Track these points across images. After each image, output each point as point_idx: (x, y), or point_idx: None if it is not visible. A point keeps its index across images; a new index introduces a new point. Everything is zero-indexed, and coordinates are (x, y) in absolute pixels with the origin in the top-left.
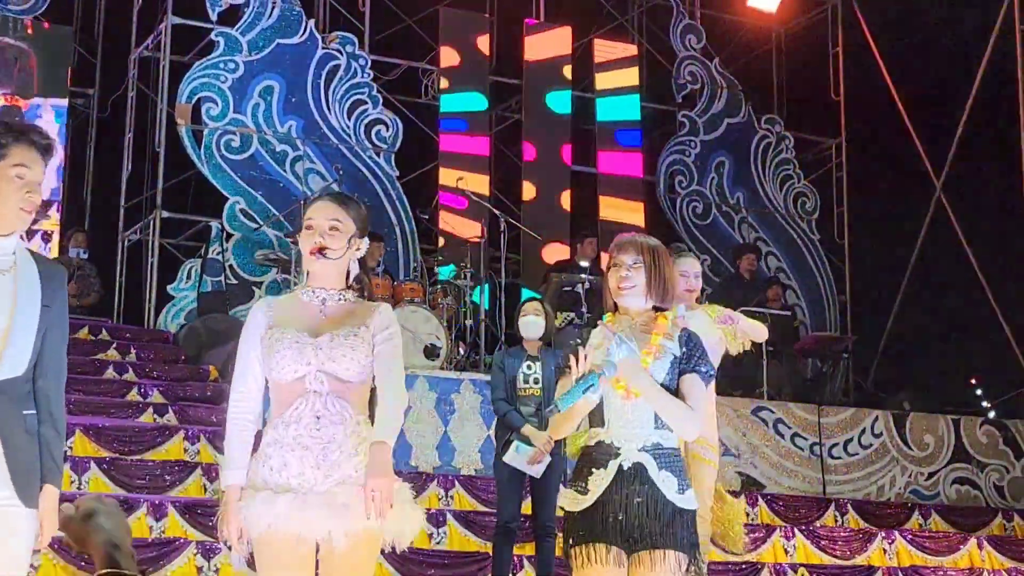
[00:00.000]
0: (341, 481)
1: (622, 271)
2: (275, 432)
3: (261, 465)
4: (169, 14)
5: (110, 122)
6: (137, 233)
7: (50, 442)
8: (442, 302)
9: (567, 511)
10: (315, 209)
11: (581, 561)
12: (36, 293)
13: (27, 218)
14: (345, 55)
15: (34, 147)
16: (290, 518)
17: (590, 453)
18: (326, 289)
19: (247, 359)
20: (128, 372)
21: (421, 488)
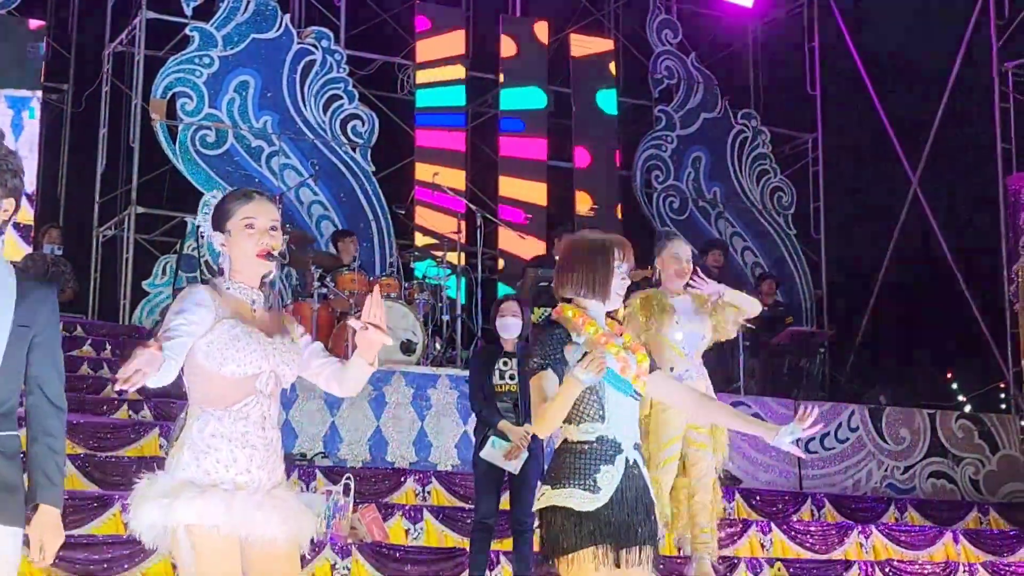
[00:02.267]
0: (278, 483)
1: (624, 277)
2: (220, 424)
3: (203, 456)
4: (144, 9)
5: (84, 117)
6: (112, 229)
7: (41, 460)
8: (418, 297)
9: (574, 511)
10: (255, 208)
11: (595, 564)
12: (8, 312)
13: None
14: (321, 50)
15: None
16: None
17: (591, 449)
18: (253, 288)
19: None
20: (103, 368)
21: (398, 484)
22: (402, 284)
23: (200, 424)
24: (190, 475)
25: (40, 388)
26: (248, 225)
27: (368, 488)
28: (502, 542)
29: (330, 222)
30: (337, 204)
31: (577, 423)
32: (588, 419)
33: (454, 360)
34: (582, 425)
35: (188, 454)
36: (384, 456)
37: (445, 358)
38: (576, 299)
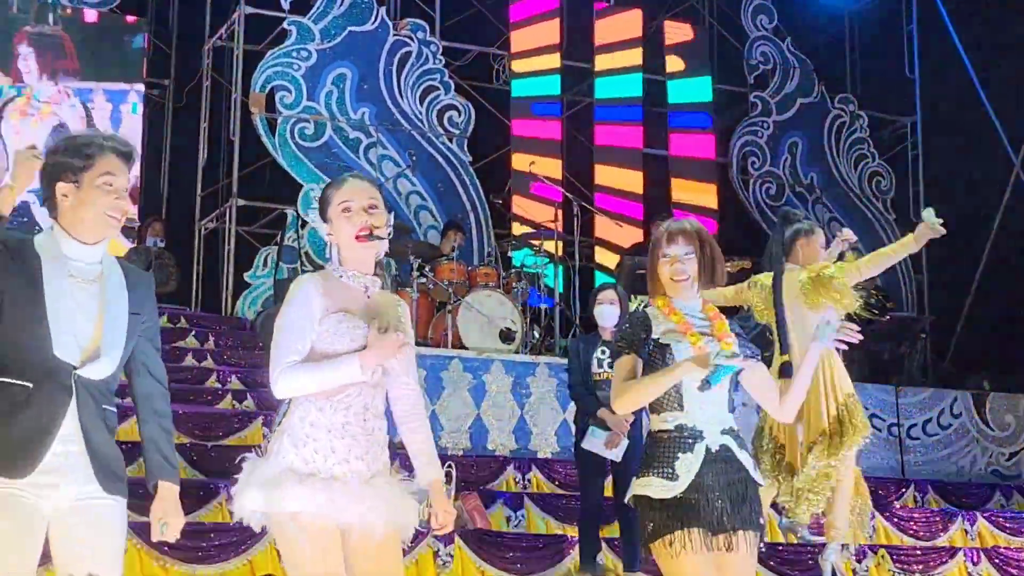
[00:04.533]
0: (379, 473)
1: (676, 264)
2: (321, 415)
3: (302, 445)
4: (242, 4)
5: (185, 112)
6: (213, 221)
7: (157, 440)
8: (516, 286)
9: (653, 499)
10: (349, 191)
11: (677, 550)
12: (124, 301)
13: (116, 224)
14: (416, 41)
15: (118, 155)
16: (338, 507)
17: (668, 437)
18: (368, 275)
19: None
20: (207, 359)
21: (498, 471)
22: (500, 273)
23: (301, 413)
24: (290, 462)
25: (149, 371)
26: (345, 209)
27: (469, 476)
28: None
29: (428, 212)
30: (435, 194)
31: (658, 412)
32: (667, 408)
33: (552, 348)
34: (662, 414)
35: (287, 442)
36: (484, 444)
37: (543, 346)
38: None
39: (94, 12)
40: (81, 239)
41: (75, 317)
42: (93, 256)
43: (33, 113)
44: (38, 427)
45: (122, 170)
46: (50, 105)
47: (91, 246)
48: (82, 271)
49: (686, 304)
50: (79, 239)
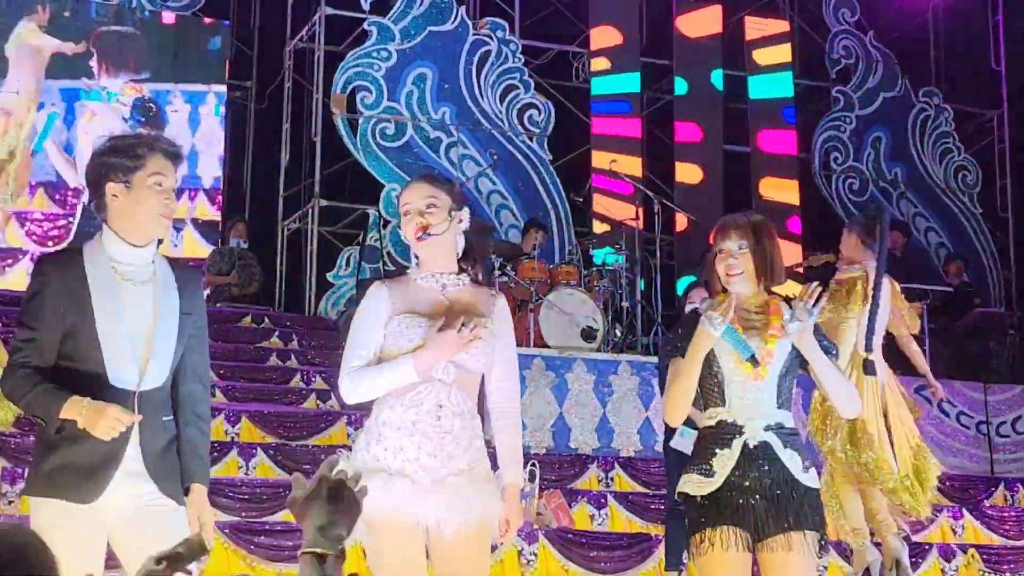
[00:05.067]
0: (456, 472)
1: (728, 259)
2: (392, 412)
3: (375, 443)
4: (323, 5)
5: (267, 113)
6: (296, 222)
7: (196, 443)
8: (598, 284)
9: (691, 495)
10: (408, 194)
11: (707, 547)
12: (175, 301)
13: (166, 225)
14: (496, 40)
15: (166, 156)
16: (406, 504)
17: (710, 432)
18: (443, 273)
19: (365, 339)
20: (291, 359)
21: (581, 470)
22: (581, 271)
23: (377, 411)
24: (362, 460)
25: (196, 373)
26: (405, 212)
27: (552, 474)
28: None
29: (509, 211)
30: (515, 193)
31: (703, 408)
32: (711, 404)
33: (634, 346)
34: (707, 411)
35: (363, 440)
36: (567, 443)
37: (625, 344)
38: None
39: (172, 14)
40: (131, 241)
41: (128, 327)
42: (144, 258)
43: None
44: (104, 455)
45: (171, 170)
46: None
47: (141, 248)
48: (134, 274)
49: (744, 301)
50: (129, 241)
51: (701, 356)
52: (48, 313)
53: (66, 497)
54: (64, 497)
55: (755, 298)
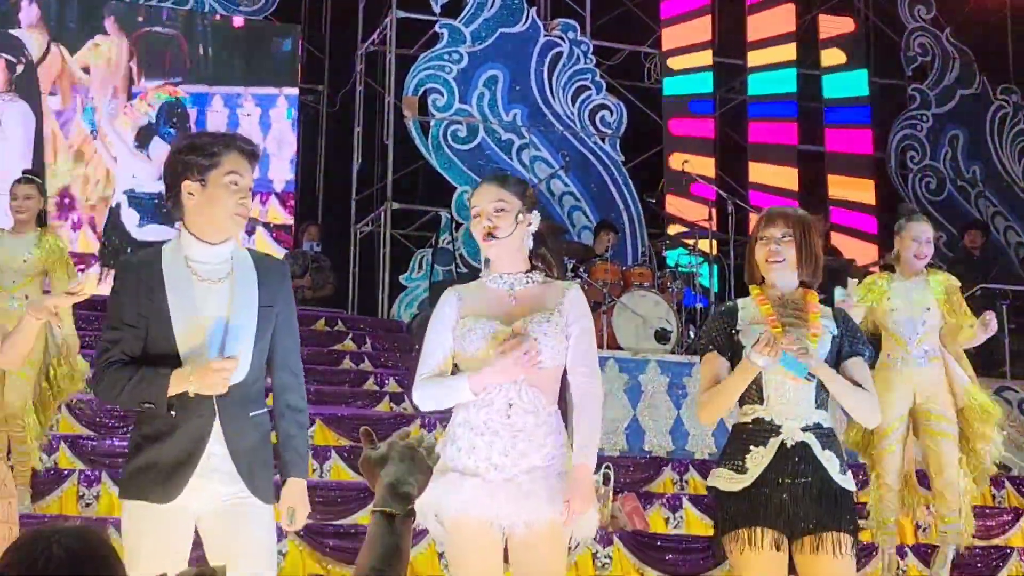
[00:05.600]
0: (528, 470)
1: (771, 245)
2: (465, 413)
3: (450, 444)
4: (394, 8)
5: (339, 117)
6: (369, 225)
7: (292, 436)
8: (671, 286)
9: (721, 491)
10: (477, 195)
11: (740, 546)
12: (253, 296)
13: (242, 223)
14: (567, 41)
15: (243, 154)
16: (476, 504)
17: (746, 430)
18: (512, 273)
19: (434, 347)
20: (364, 362)
21: (656, 473)
22: (655, 273)
23: (454, 413)
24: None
25: (286, 364)
26: (475, 214)
27: (626, 477)
28: None
29: (582, 213)
30: (588, 195)
31: (740, 404)
32: (748, 401)
33: None
34: (743, 407)
35: (442, 442)
36: (641, 445)
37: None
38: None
39: (242, 18)
40: (207, 239)
41: (203, 324)
42: (220, 255)
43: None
44: (184, 454)
45: (247, 169)
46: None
47: (217, 246)
48: (210, 272)
49: (782, 292)
50: (205, 239)
51: (745, 383)
52: (128, 313)
53: (148, 498)
54: (146, 498)
55: (793, 292)
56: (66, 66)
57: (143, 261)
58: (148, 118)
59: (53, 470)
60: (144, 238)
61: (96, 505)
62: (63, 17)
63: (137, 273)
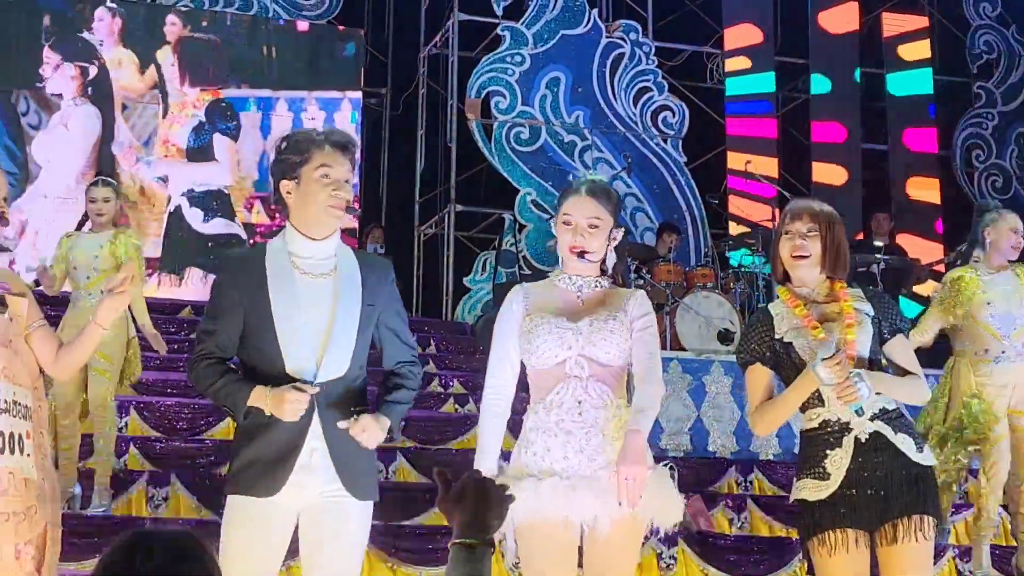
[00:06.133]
0: (604, 465)
1: (796, 240)
2: (536, 417)
3: (523, 451)
4: (456, 11)
5: (403, 120)
6: (432, 227)
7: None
8: (734, 286)
9: (808, 502)
10: (573, 205)
11: (829, 549)
12: (356, 293)
13: (337, 215)
14: (629, 43)
15: (335, 147)
16: (556, 503)
17: (816, 435)
18: (582, 276)
19: (504, 347)
20: (429, 364)
21: (720, 473)
22: (717, 273)
23: (526, 419)
24: (514, 469)
25: (398, 356)
26: (566, 223)
27: (691, 478)
28: None
29: (644, 214)
30: (650, 196)
31: (804, 410)
32: (809, 405)
33: None
34: (807, 412)
35: (516, 449)
36: (705, 446)
37: None
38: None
39: (306, 23)
40: (310, 235)
41: (305, 320)
42: (324, 251)
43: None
44: (283, 450)
45: (339, 161)
46: (192, 108)
47: (320, 241)
48: (313, 267)
49: (809, 289)
50: (308, 235)
51: (804, 397)
52: (227, 307)
53: (249, 492)
54: (247, 492)
55: (821, 287)
56: (130, 71)
57: (247, 255)
58: (197, 118)
59: (123, 472)
60: (211, 231)
61: (165, 507)
62: (129, 23)
63: (240, 266)
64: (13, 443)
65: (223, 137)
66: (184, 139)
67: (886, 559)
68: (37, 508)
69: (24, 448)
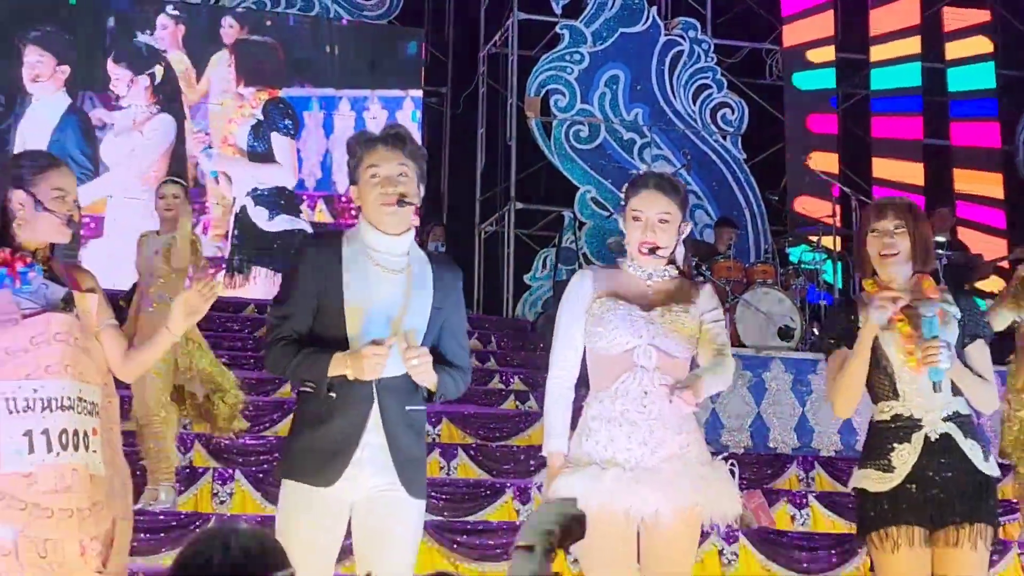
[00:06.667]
0: (667, 458)
1: (884, 238)
2: (600, 406)
3: (585, 439)
4: (515, 10)
5: (463, 118)
6: (493, 225)
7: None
8: (795, 283)
9: (869, 492)
10: (643, 200)
11: (891, 545)
12: (428, 295)
13: (391, 211)
14: (688, 40)
15: (383, 143)
16: (619, 494)
17: (886, 427)
18: (652, 265)
19: (569, 329)
20: (490, 360)
21: (781, 470)
22: (777, 270)
23: (587, 407)
24: (575, 457)
25: (456, 341)
26: (635, 218)
27: (751, 474)
28: None
29: (703, 211)
30: (710, 193)
31: (876, 402)
32: (883, 397)
33: None
34: (879, 404)
35: (576, 437)
36: (766, 442)
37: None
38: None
39: (367, 22)
40: (383, 230)
41: (376, 311)
42: (398, 247)
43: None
44: (343, 438)
45: (388, 157)
46: (247, 107)
47: (394, 237)
48: (387, 261)
49: (897, 285)
50: (381, 230)
51: (868, 346)
52: (301, 291)
53: (308, 480)
54: (306, 480)
55: (907, 283)
56: (194, 73)
57: (323, 242)
58: (255, 118)
59: (188, 468)
60: (276, 229)
61: (230, 502)
62: (192, 25)
63: (317, 252)
64: (78, 440)
65: (282, 137)
66: (244, 139)
67: (941, 561)
68: (104, 504)
69: (90, 444)
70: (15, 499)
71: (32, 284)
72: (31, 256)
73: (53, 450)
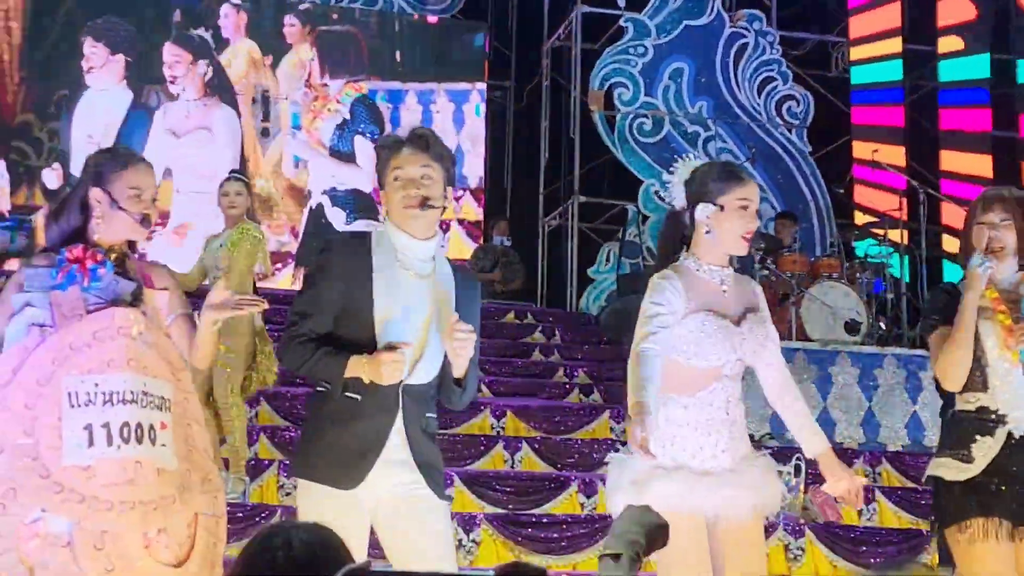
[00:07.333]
0: (743, 458)
1: (990, 231)
2: (685, 412)
3: (669, 444)
4: (579, 3)
5: (526, 112)
6: (557, 218)
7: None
8: (860, 276)
9: (947, 481)
10: (749, 190)
11: (970, 537)
12: (450, 305)
13: (415, 214)
14: (753, 32)
15: (409, 145)
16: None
17: (970, 418)
18: (722, 267)
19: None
20: (554, 354)
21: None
22: (843, 264)
23: (666, 412)
24: (657, 461)
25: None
26: (744, 207)
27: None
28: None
29: (768, 204)
30: (775, 186)
31: (962, 392)
32: (971, 388)
33: (900, 339)
34: (965, 394)
35: (653, 444)
36: (832, 437)
37: (890, 337)
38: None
39: (434, 17)
40: (411, 233)
41: (404, 314)
42: (424, 252)
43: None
44: (366, 442)
45: (411, 159)
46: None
47: (421, 241)
48: (414, 265)
49: (1004, 278)
50: (408, 232)
51: (974, 308)
52: (326, 289)
53: (330, 482)
54: (328, 482)
55: (1015, 276)
56: (260, 68)
57: (352, 241)
58: (341, 115)
59: (254, 460)
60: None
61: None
62: (257, 19)
63: (345, 253)
64: (141, 433)
65: (365, 140)
66: (328, 135)
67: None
68: (176, 498)
69: (157, 438)
70: (74, 492)
71: (102, 281)
72: (103, 253)
73: (114, 443)
